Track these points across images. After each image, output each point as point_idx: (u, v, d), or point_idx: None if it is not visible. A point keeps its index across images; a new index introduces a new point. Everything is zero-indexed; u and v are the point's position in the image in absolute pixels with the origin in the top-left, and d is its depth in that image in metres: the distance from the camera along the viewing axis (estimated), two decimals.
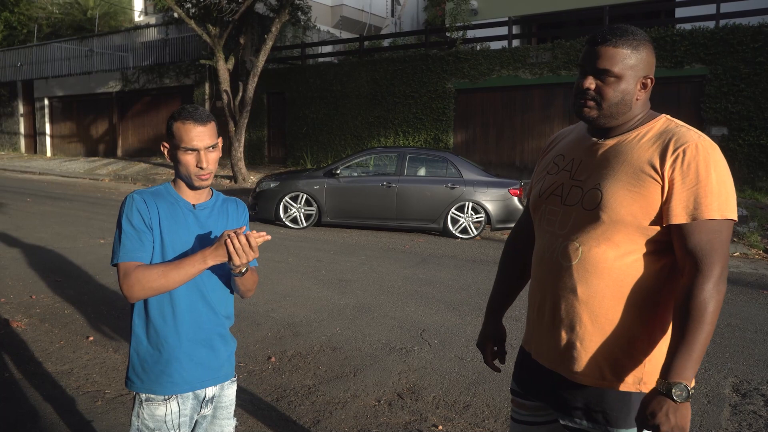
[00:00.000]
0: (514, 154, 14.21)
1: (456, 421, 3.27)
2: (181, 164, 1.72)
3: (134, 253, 1.66)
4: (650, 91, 1.53)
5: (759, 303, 5.73)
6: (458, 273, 6.77)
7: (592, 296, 1.48)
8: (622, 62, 1.47)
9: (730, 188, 1.40)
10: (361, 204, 9.38)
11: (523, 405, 1.70)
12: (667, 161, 1.42)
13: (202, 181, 1.75)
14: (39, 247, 7.46)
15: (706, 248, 1.37)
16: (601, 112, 1.50)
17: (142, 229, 1.68)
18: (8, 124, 25.33)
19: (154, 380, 1.73)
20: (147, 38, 21.25)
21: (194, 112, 1.70)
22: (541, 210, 1.64)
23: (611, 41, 1.47)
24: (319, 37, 20.23)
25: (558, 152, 1.69)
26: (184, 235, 1.74)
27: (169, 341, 1.73)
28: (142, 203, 1.70)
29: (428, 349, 4.34)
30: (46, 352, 4.12)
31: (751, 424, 3.28)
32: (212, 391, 1.84)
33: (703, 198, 1.38)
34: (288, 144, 17.58)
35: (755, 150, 11.32)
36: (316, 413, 3.32)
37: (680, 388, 1.32)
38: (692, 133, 1.44)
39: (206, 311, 1.80)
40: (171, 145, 1.74)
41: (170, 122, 1.73)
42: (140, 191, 1.74)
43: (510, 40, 14.54)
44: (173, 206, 1.76)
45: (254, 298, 5.51)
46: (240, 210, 1.93)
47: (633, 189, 1.44)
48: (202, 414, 1.83)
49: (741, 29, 11.41)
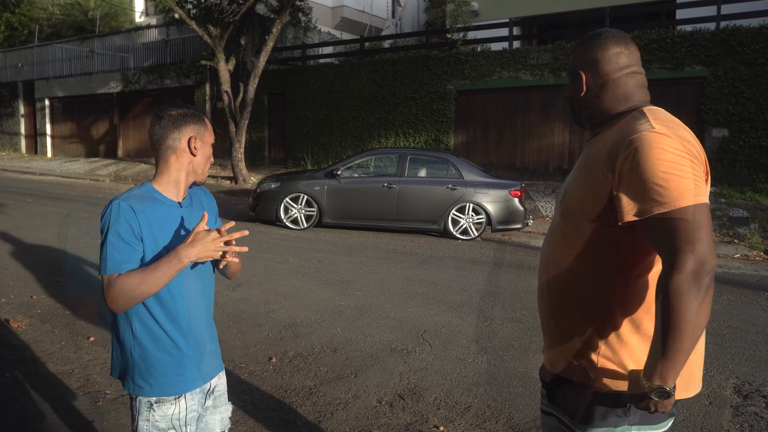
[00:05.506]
0: (515, 155, 14.21)
1: (457, 422, 3.27)
2: (206, 157, 1.80)
3: (122, 265, 1.62)
4: (623, 88, 1.53)
5: (760, 304, 5.72)
6: (459, 274, 6.77)
7: (551, 293, 1.57)
8: (575, 61, 1.57)
9: (682, 173, 1.31)
10: (362, 205, 9.38)
11: (543, 395, 1.75)
12: (618, 157, 1.38)
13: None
14: (39, 247, 7.46)
15: (669, 241, 1.30)
16: (569, 108, 1.65)
17: (130, 240, 1.63)
18: (9, 125, 25.34)
19: (166, 383, 1.71)
20: (148, 39, 21.26)
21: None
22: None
23: (578, 42, 1.59)
24: (320, 38, 20.24)
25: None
26: (172, 234, 1.72)
27: (178, 341, 1.72)
28: (130, 212, 1.64)
29: (429, 350, 4.34)
30: (47, 353, 4.12)
31: (752, 426, 3.28)
32: (214, 382, 1.87)
33: (650, 191, 1.32)
34: (289, 145, 17.58)
35: (756, 151, 11.32)
36: (317, 414, 3.32)
37: (659, 392, 1.31)
38: (645, 123, 1.38)
39: (205, 302, 1.83)
40: (203, 139, 1.79)
41: (199, 117, 1.78)
42: (125, 197, 1.68)
43: (511, 41, 14.55)
44: (161, 208, 1.72)
45: (255, 298, 5.51)
46: (210, 200, 1.96)
47: (585, 187, 1.47)
48: (204, 406, 1.84)
49: (742, 31, 11.42)
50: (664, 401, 1.33)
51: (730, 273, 7.12)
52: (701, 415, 3.39)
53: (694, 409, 3.47)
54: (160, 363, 1.71)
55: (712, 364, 4.15)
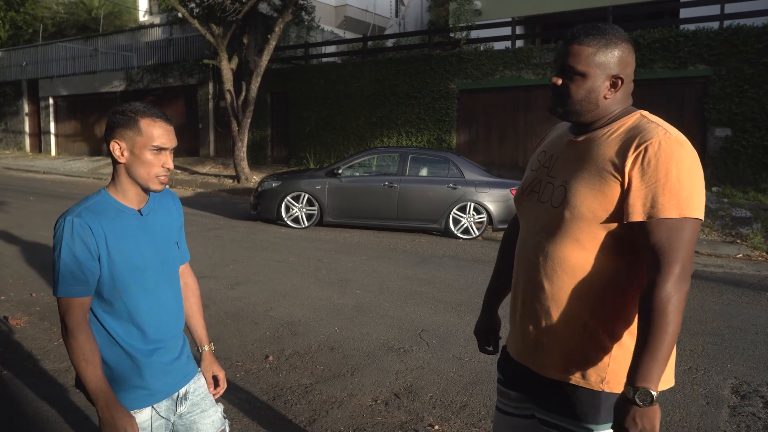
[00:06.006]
0: (517, 154, 14.18)
1: (453, 421, 3.26)
2: (144, 164, 1.61)
3: (76, 287, 1.55)
4: (625, 90, 1.51)
5: (761, 305, 5.70)
6: (459, 273, 6.76)
7: (555, 293, 1.50)
8: (587, 60, 1.47)
9: (694, 185, 1.36)
10: (363, 204, 9.37)
11: (507, 395, 1.71)
12: (629, 158, 1.39)
13: (161, 184, 1.66)
14: (40, 245, 7.48)
15: (665, 247, 1.34)
16: (566, 108, 1.53)
17: (84, 259, 1.55)
18: (13, 123, 25.44)
19: (127, 396, 1.65)
20: (151, 38, 21.30)
21: (159, 110, 1.64)
22: (522, 206, 1.66)
23: (578, 39, 1.48)
24: (323, 37, 20.24)
25: (543, 148, 1.71)
26: (132, 246, 1.64)
27: (138, 354, 1.66)
28: (86, 229, 1.55)
29: (426, 349, 4.33)
30: (45, 350, 4.13)
31: (749, 426, 3.26)
32: (188, 388, 1.81)
33: (661, 196, 1.35)
34: (291, 144, 17.59)
35: (759, 151, 11.26)
36: (312, 412, 3.32)
37: (643, 393, 1.29)
38: (660, 129, 1.40)
39: (172, 310, 1.78)
40: (133, 143, 1.60)
41: (134, 117, 1.60)
42: (79, 212, 1.57)
43: (513, 40, 14.51)
44: (118, 219, 1.63)
45: (253, 297, 5.51)
46: (177, 206, 1.87)
47: (594, 186, 1.44)
48: (178, 413, 1.78)
49: (745, 30, 11.36)
50: (649, 416, 1.30)
51: (731, 273, 7.09)
52: (698, 415, 3.37)
53: (691, 408, 3.45)
54: (120, 376, 1.65)
55: (710, 364, 4.13)
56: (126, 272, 1.63)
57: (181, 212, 1.89)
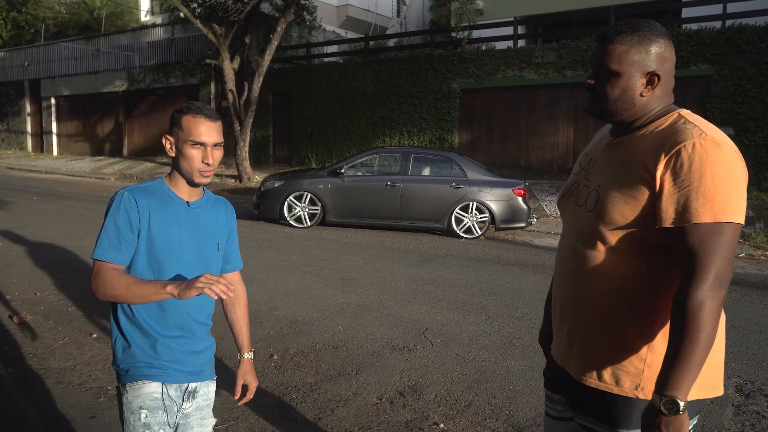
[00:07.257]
0: (519, 154, 14.18)
1: (457, 420, 3.27)
2: (186, 158, 1.70)
3: (109, 253, 1.64)
4: (664, 86, 1.46)
5: (764, 304, 5.70)
6: (462, 272, 6.76)
7: (590, 298, 1.48)
8: (620, 58, 1.43)
9: (732, 188, 1.30)
10: (365, 203, 9.38)
11: (551, 398, 1.71)
12: (661, 162, 1.35)
13: (204, 178, 1.73)
14: (44, 244, 7.50)
15: (698, 252, 1.29)
16: (601, 108, 1.50)
17: (124, 229, 1.66)
18: (15, 123, 25.47)
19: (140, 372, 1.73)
20: (153, 38, 21.32)
21: (204, 108, 1.71)
22: (562, 209, 1.65)
23: (611, 38, 1.44)
24: (325, 37, 20.25)
25: (585, 151, 1.69)
26: (175, 231, 1.72)
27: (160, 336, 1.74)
28: (132, 202, 1.67)
29: (430, 348, 4.34)
30: (50, 349, 4.14)
31: (754, 425, 3.26)
32: (199, 386, 1.84)
33: (694, 200, 1.30)
34: (293, 143, 17.61)
35: (761, 151, 11.26)
36: (317, 411, 3.33)
37: (669, 402, 1.26)
38: (695, 130, 1.35)
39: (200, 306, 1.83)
40: (177, 139, 1.71)
41: (178, 115, 1.71)
42: (132, 188, 1.71)
43: (515, 40, 14.51)
44: (166, 202, 1.73)
45: (257, 296, 5.52)
46: (229, 214, 1.92)
47: (625, 190, 1.41)
48: (183, 409, 1.80)
49: (747, 29, 11.36)
50: (676, 426, 1.26)
51: (734, 272, 7.08)
52: (702, 414, 3.37)
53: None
54: (138, 350, 1.72)
55: None
56: (162, 253, 1.70)
57: (233, 221, 1.94)
